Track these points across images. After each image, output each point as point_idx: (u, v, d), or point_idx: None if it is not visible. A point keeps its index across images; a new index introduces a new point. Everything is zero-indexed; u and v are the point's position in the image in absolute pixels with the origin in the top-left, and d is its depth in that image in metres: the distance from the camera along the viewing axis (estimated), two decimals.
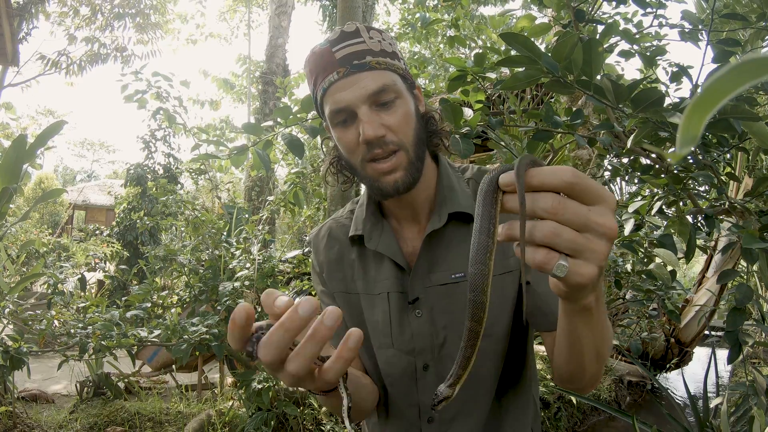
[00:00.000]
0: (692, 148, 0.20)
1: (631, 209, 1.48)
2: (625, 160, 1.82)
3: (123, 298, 3.48)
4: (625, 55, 1.68)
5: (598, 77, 1.06)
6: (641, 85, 1.08)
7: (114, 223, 8.06)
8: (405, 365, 0.88)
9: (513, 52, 1.10)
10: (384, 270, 0.90)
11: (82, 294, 4.70)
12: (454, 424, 0.88)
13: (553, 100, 2.97)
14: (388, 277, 0.89)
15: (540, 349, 3.85)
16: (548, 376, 3.89)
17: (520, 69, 1.04)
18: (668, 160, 1.48)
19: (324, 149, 1.01)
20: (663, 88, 1.71)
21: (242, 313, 0.51)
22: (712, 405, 2.53)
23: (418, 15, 4.84)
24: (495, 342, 0.85)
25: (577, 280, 0.49)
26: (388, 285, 0.89)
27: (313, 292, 4.09)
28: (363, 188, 1.05)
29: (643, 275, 2.12)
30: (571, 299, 0.56)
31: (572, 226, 0.47)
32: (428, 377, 0.88)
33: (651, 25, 1.68)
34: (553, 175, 0.47)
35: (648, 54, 1.61)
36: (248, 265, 3.37)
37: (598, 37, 1.52)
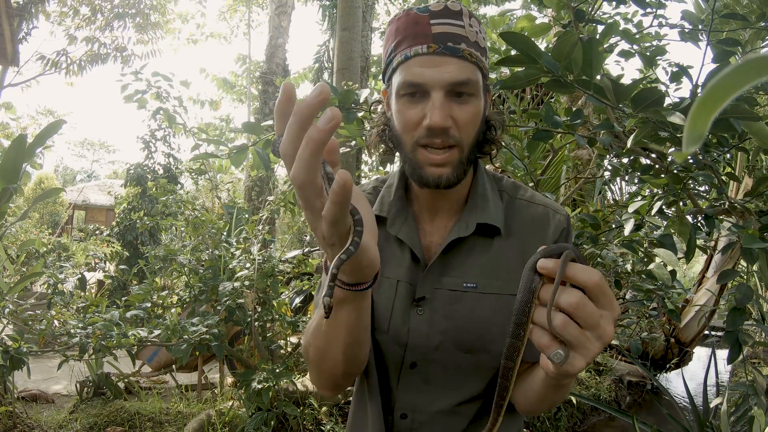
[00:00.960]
0: (697, 147, 0.21)
1: (631, 209, 1.48)
2: (625, 160, 1.82)
3: (123, 298, 3.48)
4: (625, 55, 1.68)
5: (598, 77, 1.06)
6: (641, 85, 1.08)
7: (114, 223, 8.05)
8: (394, 355, 0.87)
9: (513, 52, 1.10)
10: (399, 257, 0.88)
11: (82, 294, 4.70)
12: (429, 426, 0.87)
13: (553, 100, 2.97)
14: (402, 265, 0.87)
15: None
16: None
17: (520, 68, 1.04)
18: (669, 158, 1.48)
19: (371, 117, 0.99)
20: (663, 88, 1.71)
21: (285, 87, 0.51)
22: (712, 405, 2.53)
23: None
24: (493, 359, 0.83)
25: (567, 369, 0.57)
26: (400, 273, 0.86)
27: (313, 292, 4.09)
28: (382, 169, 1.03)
29: (643, 275, 2.12)
30: (554, 378, 0.62)
31: (582, 324, 0.55)
32: (413, 375, 0.87)
33: (651, 25, 1.68)
34: (584, 274, 0.55)
35: (648, 54, 1.61)
36: (248, 265, 3.37)
37: (598, 37, 1.52)
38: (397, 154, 0.89)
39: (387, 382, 0.89)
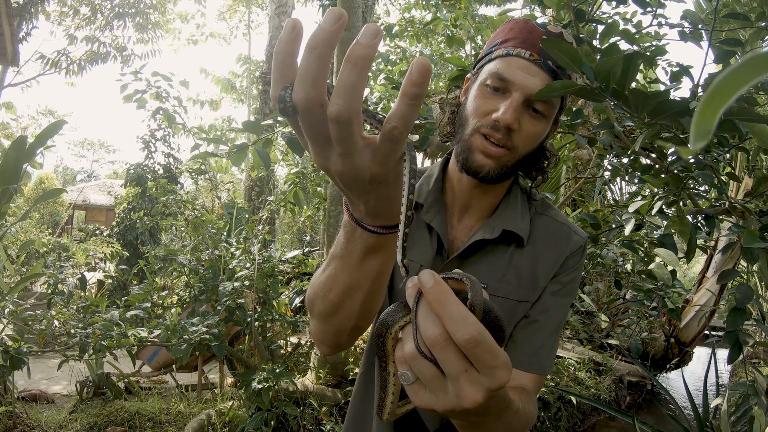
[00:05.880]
0: (705, 144, 0.21)
1: (631, 209, 1.48)
2: (625, 160, 1.82)
3: (123, 298, 3.48)
4: None
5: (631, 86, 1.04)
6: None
7: (114, 223, 8.05)
8: None
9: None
10: (426, 243, 0.90)
11: (82, 294, 4.70)
12: (416, 414, 0.88)
13: None
14: (427, 253, 0.89)
15: None
16: (548, 376, 3.89)
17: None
18: (669, 158, 1.48)
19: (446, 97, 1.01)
20: (662, 87, 1.71)
21: (290, 23, 0.43)
22: (712, 405, 2.53)
23: (434, 9, 4.83)
24: None
25: (413, 398, 0.47)
26: (425, 258, 0.89)
27: None
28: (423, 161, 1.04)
29: (643, 275, 2.12)
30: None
31: (442, 368, 0.44)
32: None
33: (650, 25, 1.68)
34: (453, 322, 0.42)
35: (648, 54, 1.61)
36: (248, 265, 3.37)
37: (598, 37, 1.52)
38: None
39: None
